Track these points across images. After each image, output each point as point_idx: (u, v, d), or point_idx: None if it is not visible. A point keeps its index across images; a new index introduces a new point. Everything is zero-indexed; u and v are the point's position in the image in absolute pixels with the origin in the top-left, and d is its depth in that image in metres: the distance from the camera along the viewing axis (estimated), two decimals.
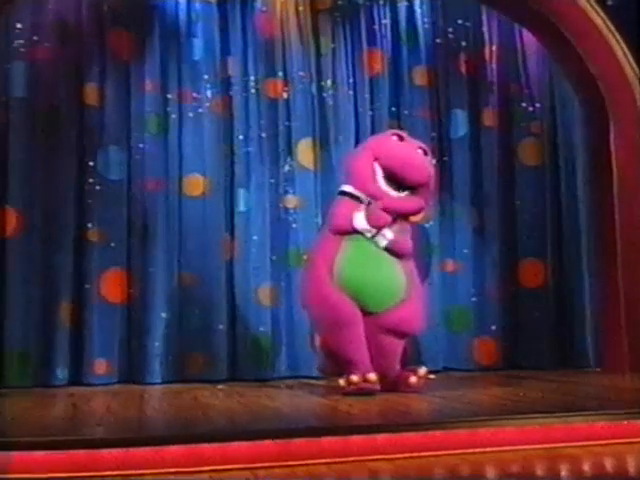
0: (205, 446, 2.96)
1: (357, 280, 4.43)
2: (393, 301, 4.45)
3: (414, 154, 4.63)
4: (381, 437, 3.10)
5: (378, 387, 4.37)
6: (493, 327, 6.02)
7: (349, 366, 4.46)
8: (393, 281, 4.49)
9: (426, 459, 3.04)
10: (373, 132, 5.93)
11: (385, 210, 4.50)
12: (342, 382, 4.41)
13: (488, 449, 3.16)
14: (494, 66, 6.30)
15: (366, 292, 4.43)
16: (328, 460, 2.99)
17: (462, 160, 6.15)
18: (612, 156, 5.63)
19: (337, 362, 4.54)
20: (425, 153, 4.72)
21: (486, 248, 6.12)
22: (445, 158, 6.14)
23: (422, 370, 4.56)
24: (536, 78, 6.31)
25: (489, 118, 6.22)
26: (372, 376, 4.35)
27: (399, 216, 4.56)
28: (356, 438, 3.10)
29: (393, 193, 4.57)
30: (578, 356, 6.02)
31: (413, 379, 4.47)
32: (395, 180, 4.56)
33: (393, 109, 6.11)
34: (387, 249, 4.48)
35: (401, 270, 4.53)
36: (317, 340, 4.86)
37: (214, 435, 3.08)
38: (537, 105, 6.27)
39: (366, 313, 4.45)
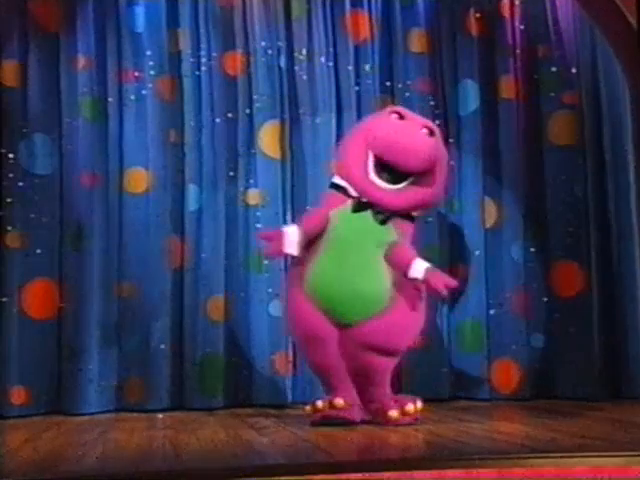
0: None
1: (327, 287, 4.25)
2: (371, 311, 4.22)
3: (411, 135, 4.40)
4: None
5: (351, 416, 4.18)
6: (513, 346, 5.52)
7: (329, 392, 4.32)
8: (371, 287, 4.26)
9: None
10: (359, 110, 5.65)
11: (374, 205, 4.33)
12: (308, 408, 4.29)
13: None
14: (515, 23, 5.77)
15: (338, 300, 4.24)
16: None
17: (473, 141, 5.68)
18: None
19: None
20: (431, 133, 4.46)
21: (504, 249, 5.61)
22: (451, 140, 5.67)
23: (411, 406, 4.26)
24: (571, 35, 5.72)
25: (508, 88, 5.71)
26: (339, 401, 4.19)
27: (396, 214, 4.35)
28: None
29: (385, 186, 4.34)
30: (627, 382, 5.46)
31: (393, 413, 4.20)
32: (388, 167, 4.34)
33: (387, 83, 5.70)
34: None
35: (388, 274, 4.27)
36: None
37: None
38: (572, 69, 5.69)
39: (341, 326, 4.25)
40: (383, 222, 4.34)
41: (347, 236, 4.32)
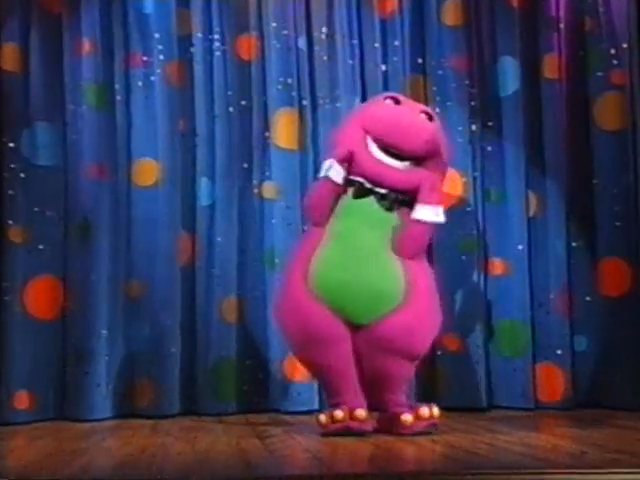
0: None
1: (335, 283, 4.20)
2: (386, 308, 4.17)
3: (410, 117, 4.48)
4: None
5: (369, 428, 4.15)
6: (558, 351, 5.41)
7: (332, 397, 4.29)
8: (385, 283, 4.22)
9: None
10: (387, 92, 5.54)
11: (383, 184, 4.32)
12: (323, 418, 4.19)
13: None
14: None
15: (349, 298, 4.19)
16: None
17: (514, 125, 5.54)
18: None
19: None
20: (430, 118, 4.53)
21: (548, 243, 5.49)
22: (490, 123, 5.58)
23: (425, 410, 4.18)
24: (622, 6, 5.55)
25: (552, 67, 5.57)
26: (361, 412, 4.13)
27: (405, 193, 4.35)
28: None
29: (392, 162, 4.39)
30: None
31: (407, 417, 4.14)
32: (390, 151, 4.39)
33: (419, 60, 5.61)
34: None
35: (400, 268, 4.23)
36: None
37: None
38: (623, 45, 5.53)
39: (354, 326, 4.20)
40: (389, 209, 4.32)
41: (351, 227, 4.29)
